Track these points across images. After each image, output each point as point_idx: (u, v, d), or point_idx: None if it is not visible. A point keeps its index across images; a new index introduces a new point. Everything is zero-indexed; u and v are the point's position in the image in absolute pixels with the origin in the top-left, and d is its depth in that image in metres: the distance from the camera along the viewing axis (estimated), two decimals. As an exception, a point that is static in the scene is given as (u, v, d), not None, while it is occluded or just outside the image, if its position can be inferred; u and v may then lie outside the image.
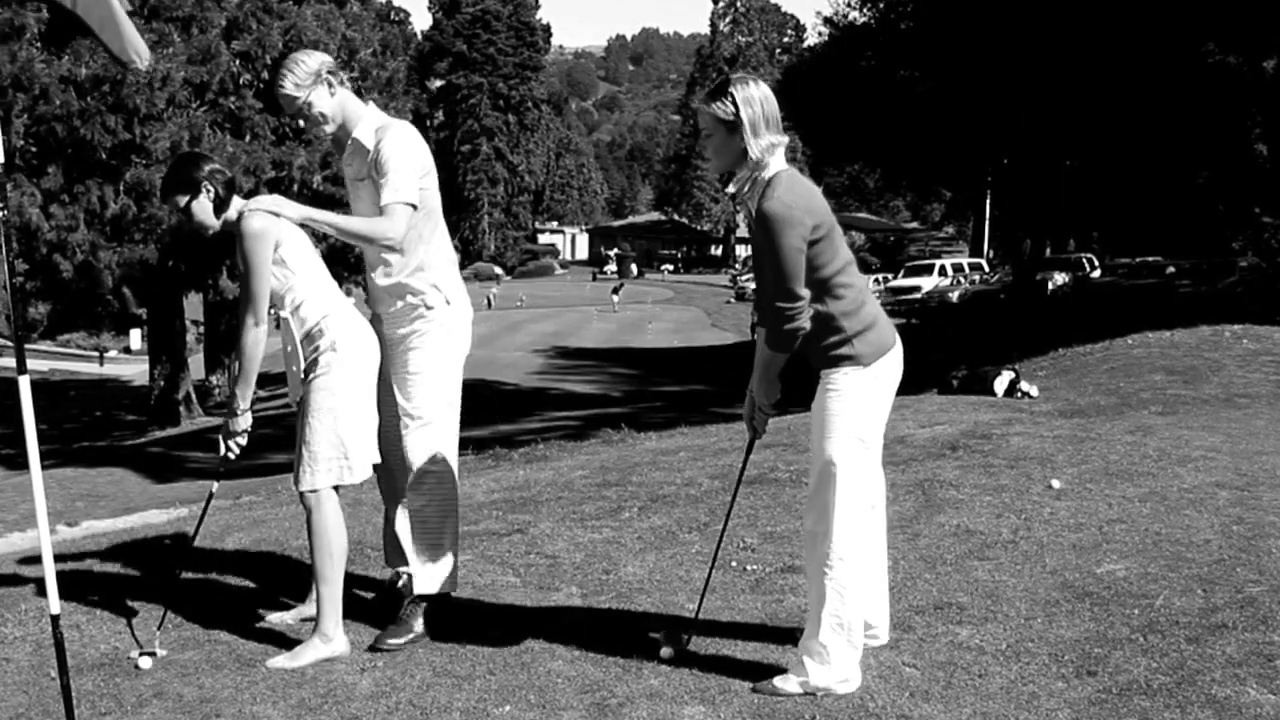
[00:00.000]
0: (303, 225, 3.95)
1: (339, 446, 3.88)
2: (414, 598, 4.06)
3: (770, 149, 3.38)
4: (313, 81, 3.93)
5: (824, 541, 3.48)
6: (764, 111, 3.37)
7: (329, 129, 4.02)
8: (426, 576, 4.05)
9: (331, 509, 3.91)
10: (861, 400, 3.47)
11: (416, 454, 4.02)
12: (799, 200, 3.33)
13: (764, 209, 3.31)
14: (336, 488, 3.94)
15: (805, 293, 3.37)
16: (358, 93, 4.15)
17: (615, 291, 59.52)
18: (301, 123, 4.09)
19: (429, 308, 4.05)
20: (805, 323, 3.40)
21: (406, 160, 3.94)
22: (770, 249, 3.32)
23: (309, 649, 3.87)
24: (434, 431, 4.04)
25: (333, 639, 3.90)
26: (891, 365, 3.55)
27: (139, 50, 3.74)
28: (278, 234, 3.85)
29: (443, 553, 4.06)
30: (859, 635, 3.52)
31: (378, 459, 4.04)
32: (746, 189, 3.42)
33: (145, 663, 3.88)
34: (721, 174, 3.56)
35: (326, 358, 3.89)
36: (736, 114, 3.35)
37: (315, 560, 3.92)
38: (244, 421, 3.92)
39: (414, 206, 3.95)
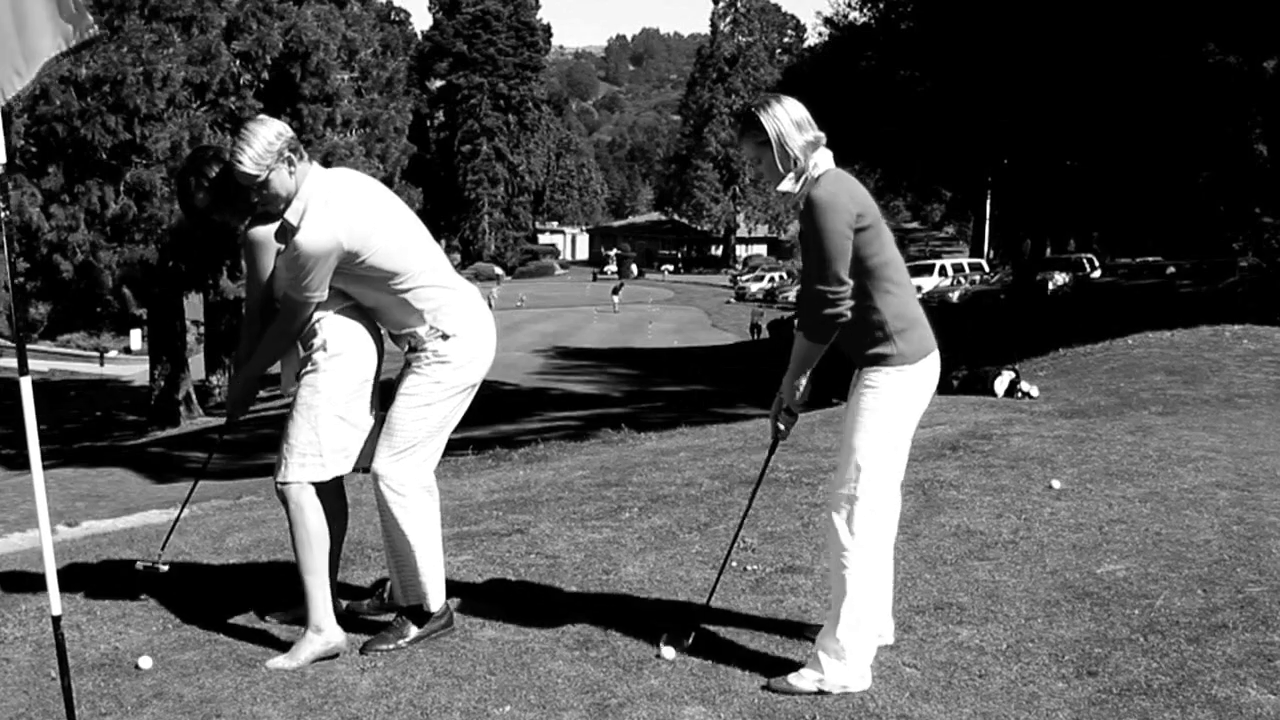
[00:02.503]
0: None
1: (314, 444, 3.89)
2: (402, 609, 4.06)
3: (811, 146, 3.49)
4: (275, 160, 3.72)
5: (844, 538, 3.49)
6: (791, 118, 3.50)
7: (282, 207, 3.81)
8: (401, 593, 4.03)
9: (308, 500, 3.92)
10: (898, 400, 3.50)
11: (385, 476, 3.93)
12: (844, 189, 3.44)
13: (810, 196, 3.42)
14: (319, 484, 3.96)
15: (848, 280, 3.41)
16: (358, 92, 4.06)
17: (615, 292, 59.56)
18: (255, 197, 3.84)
19: (426, 344, 3.95)
20: (846, 311, 3.42)
21: (316, 256, 3.71)
22: (815, 234, 3.40)
23: (304, 645, 3.88)
24: (408, 456, 3.94)
25: (325, 629, 3.90)
26: (930, 369, 3.57)
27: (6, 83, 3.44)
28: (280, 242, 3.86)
29: (415, 573, 4.00)
30: (873, 633, 3.54)
31: (350, 465, 3.99)
32: (798, 188, 3.49)
33: (145, 663, 3.88)
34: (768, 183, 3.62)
35: (317, 357, 3.90)
36: (765, 131, 3.49)
37: (297, 553, 3.93)
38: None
39: (309, 302, 3.78)
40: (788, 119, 3.48)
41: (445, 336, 3.95)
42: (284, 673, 3.77)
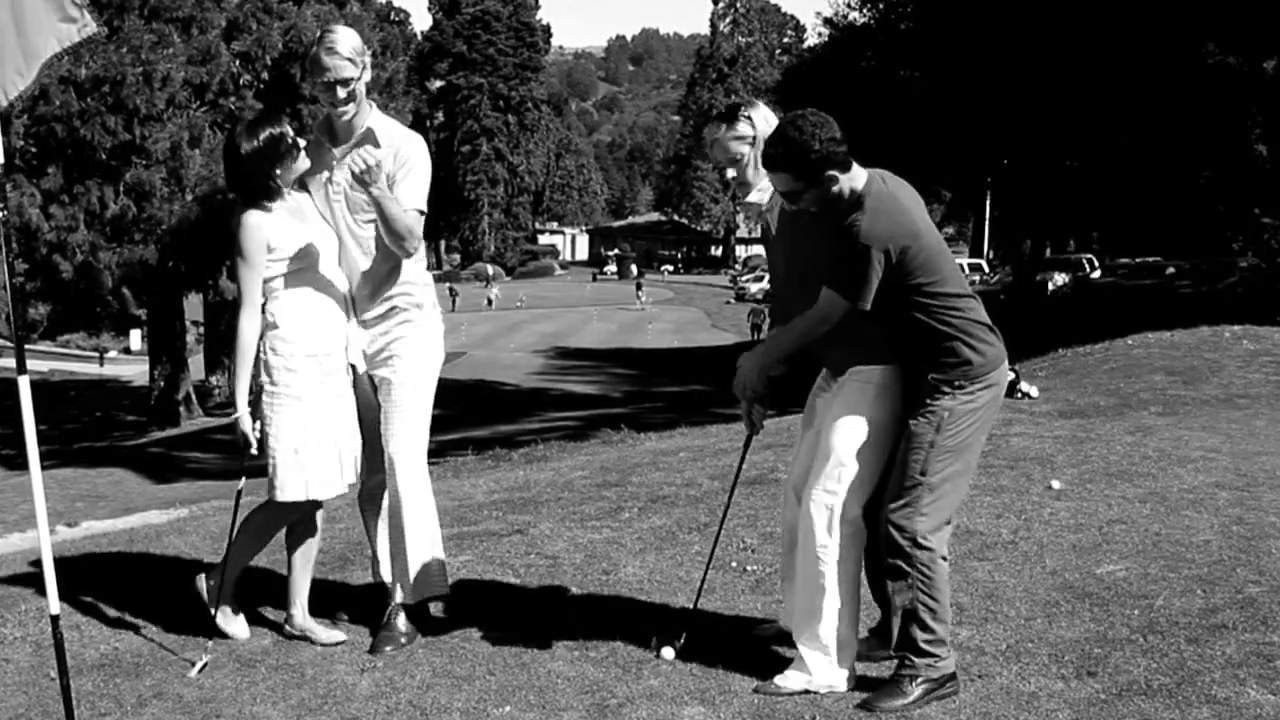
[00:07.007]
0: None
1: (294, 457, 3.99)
2: (396, 605, 4.05)
3: None
4: (363, 65, 3.87)
5: (823, 537, 3.49)
6: (772, 125, 3.49)
7: (350, 115, 3.90)
8: (405, 587, 4.03)
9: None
10: (878, 400, 3.49)
11: (401, 467, 3.97)
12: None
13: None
14: None
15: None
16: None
17: (639, 289, 59.98)
18: (326, 95, 3.86)
19: (418, 307, 4.04)
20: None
21: (427, 172, 3.98)
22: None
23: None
24: (418, 438, 4.01)
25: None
26: (907, 388, 3.56)
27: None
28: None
29: (432, 561, 4.03)
30: (856, 631, 3.54)
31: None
32: (768, 200, 3.47)
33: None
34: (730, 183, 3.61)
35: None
36: (755, 129, 3.50)
37: (244, 539, 4.09)
38: (243, 422, 3.91)
39: (423, 212, 3.95)
40: (769, 126, 3.48)
41: (433, 304, 4.10)
42: (283, 673, 3.77)
